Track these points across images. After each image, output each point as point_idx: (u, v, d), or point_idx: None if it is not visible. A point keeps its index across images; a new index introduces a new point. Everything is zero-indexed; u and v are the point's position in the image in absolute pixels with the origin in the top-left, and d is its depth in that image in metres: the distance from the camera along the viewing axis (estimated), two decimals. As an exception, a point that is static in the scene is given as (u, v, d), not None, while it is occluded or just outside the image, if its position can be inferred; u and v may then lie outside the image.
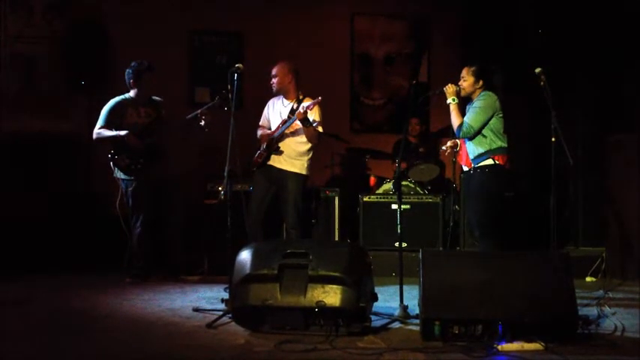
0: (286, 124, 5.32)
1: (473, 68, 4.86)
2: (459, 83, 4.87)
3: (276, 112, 5.48)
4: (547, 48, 6.36)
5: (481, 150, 4.78)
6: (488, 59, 5.74)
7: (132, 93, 5.52)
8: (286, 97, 5.46)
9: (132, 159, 5.39)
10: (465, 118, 4.78)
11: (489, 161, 4.76)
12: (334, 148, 6.81)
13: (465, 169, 4.99)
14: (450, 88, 4.84)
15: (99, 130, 5.42)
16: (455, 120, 4.83)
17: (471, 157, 4.83)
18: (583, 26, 6.27)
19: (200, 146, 6.72)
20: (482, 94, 4.81)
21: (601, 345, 3.60)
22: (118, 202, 5.45)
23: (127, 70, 5.50)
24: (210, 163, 6.43)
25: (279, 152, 5.38)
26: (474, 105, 4.82)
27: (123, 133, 5.35)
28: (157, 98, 5.63)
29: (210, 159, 6.34)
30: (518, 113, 5.99)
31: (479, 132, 4.76)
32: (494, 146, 4.76)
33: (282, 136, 5.36)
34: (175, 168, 5.84)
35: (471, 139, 4.81)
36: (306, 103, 5.22)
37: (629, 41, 5.85)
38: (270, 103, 5.57)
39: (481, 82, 4.84)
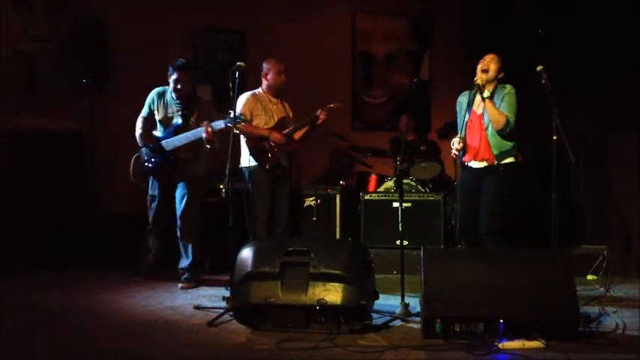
0: (299, 124, 5.37)
1: (499, 57, 4.72)
2: (480, 73, 4.71)
3: (268, 111, 5.41)
4: (548, 46, 6.34)
5: (509, 146, 4.70)
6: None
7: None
8: (275, 96, 5.44)
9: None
10: (508, 114, 4.65)
11: (512, 159, 4.71)
12: (335, 146, 6.81)
13: (475, 164, 4.80)
14: (483, 82, 4.66)
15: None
16: (497, 114, 4.63)
17: (496, 152, 4.70)
18: (584, 24, 6.26)
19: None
20: (507, 87, 4.72)
21: (602, 343, 3.60)
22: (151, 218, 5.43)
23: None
24: (210, 161, 6.42)
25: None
26: (505, 99, 4.69)
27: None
28: (199, 96, 5.51)
29: (211, 157, 6.33)
30: (519, 111, 5.98)
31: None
32: (518, 143, 4.71)
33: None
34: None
35: (503, 134, 4.69)
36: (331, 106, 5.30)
37: (630, 40, 5.84)
38: (255, 100, 5.40)
39: (502, 73, 4.74)
